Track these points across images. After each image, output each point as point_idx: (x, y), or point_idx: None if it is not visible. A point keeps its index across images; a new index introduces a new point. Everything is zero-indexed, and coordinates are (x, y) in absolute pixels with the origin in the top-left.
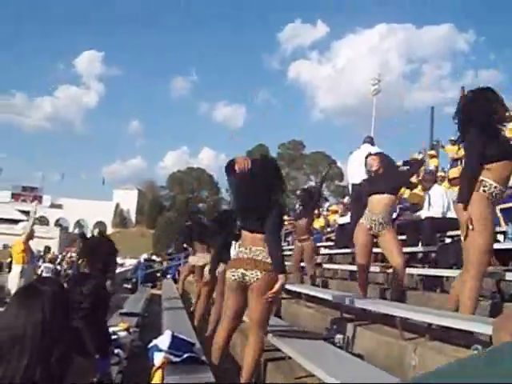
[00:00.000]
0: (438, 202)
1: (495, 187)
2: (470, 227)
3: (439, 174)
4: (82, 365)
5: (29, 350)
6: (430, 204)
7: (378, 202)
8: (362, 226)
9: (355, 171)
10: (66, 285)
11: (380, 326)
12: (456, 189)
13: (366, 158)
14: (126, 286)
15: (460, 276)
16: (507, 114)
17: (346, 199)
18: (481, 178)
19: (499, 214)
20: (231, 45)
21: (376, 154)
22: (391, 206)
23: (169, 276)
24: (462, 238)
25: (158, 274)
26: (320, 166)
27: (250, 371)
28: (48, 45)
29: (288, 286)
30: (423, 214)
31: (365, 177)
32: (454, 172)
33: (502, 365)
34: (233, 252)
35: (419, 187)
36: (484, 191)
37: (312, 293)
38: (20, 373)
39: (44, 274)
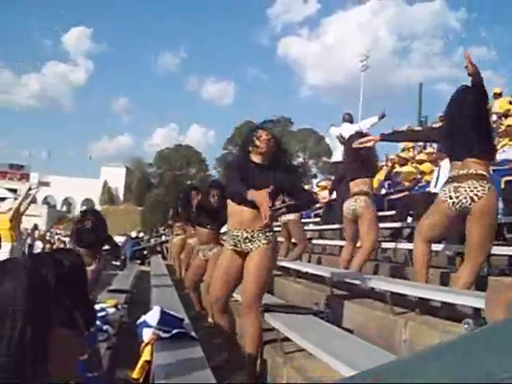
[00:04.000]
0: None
1: None
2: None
3: (429, 150)
4: (70, 339)
5: (21, 316)
6: (437, 179)
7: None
8: None
9: (336, 149)
10: None
11: (369, 301)
12: None
13: (343, 139)
14: (114, 262)
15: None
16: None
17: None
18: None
19: None
20: (220, 20)
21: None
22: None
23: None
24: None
25: (145, 252)
26: (308, 143)
27: (254, 354)
28: (35, 21)
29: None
30: (431, 189)
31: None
32: None
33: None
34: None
35: (408, 164)
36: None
37: (301, 268)
38: (16, 339)
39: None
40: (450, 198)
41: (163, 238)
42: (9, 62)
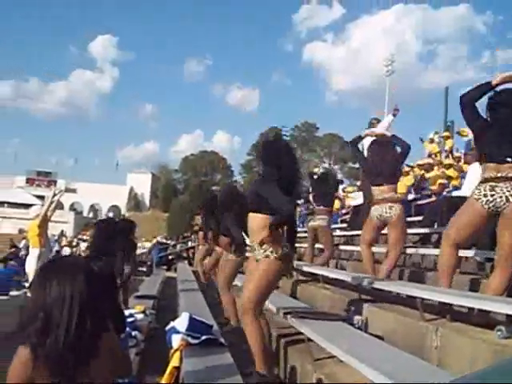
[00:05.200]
0: (474, 181)
1: None
2: None
3: (456, 154)
4: (111, 345)
5: (76, 315)
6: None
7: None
8: None
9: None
10: None
11: (399, 307)
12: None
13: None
14: (141, 268)
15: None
16: None
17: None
18: None
19: None
20: (245, 26)
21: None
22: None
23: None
24: None
25: (170, 257)
26: (333, 149)
27: (258, 358)
28: (62, 29)
29: (305, 268)
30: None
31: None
32: None
33: None
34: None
35: (435, 169)
36: None
37: (330, 274)
38: (70, 336)
39: None
40: (485, 196)
41: (189, 243)
42: (36, 70)
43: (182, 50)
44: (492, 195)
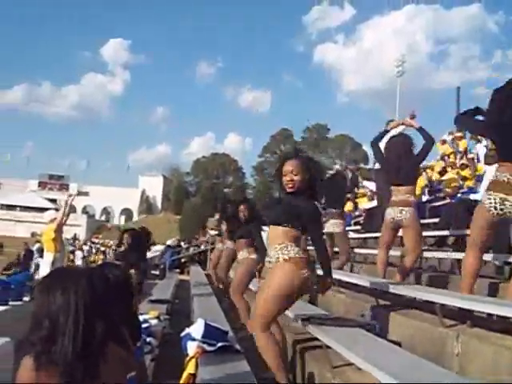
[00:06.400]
0: None
1: None
2: None
3: (469, 155)
4: (120, 354)
5: (82, 322)
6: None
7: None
8: None
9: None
10: None
11: (417, 312)
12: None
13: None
14: (153, 272)
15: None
16: None
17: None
18: None
19: None
20: (256, 28)
21: None
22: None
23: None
24: None
25: (183, 260)
26: (345, 150)
27: (275, 370)
28: (74, 33)
29: (320, 272)
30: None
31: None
32: None
33: None
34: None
35: (449, 170)
36: None
37: (344, 278)
38: (78, 344)
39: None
40: (495, 208)
41: (202, 247)
42: (49, 74)
43: (193, 53)
44: (502, 209)
